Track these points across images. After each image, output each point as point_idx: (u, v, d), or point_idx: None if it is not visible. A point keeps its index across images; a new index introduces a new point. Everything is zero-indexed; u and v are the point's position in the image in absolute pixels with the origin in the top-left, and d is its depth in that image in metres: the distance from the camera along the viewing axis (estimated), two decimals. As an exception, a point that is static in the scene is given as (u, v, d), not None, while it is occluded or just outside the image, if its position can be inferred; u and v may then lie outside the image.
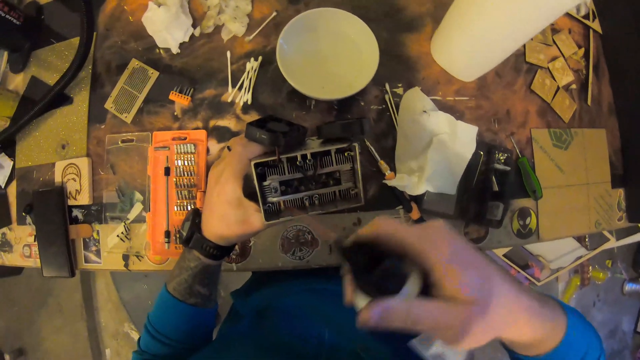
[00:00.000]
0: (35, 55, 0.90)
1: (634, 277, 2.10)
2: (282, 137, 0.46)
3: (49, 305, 2.15)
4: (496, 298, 0.31)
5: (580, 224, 0.86)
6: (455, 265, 0.31)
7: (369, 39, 0.72)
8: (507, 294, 0.32)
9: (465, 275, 0.30)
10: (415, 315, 0.29)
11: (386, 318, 0.29)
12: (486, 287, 0.31)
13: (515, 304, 0.33)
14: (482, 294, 0.31)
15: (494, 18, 0.61)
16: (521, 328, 0.34)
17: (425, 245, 0.32)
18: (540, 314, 0.34)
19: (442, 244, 0.32)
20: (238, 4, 0.78)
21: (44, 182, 0.84)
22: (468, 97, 0.79)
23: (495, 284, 0.32)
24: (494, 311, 0.31)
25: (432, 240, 0.32)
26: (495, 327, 0.32)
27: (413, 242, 0.32)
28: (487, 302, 0.31)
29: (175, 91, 0.78)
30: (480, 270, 0.32)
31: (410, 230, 0.33)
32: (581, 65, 0.89)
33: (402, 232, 0.33)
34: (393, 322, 0.30)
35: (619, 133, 0.92)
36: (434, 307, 0.30)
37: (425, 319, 0.30)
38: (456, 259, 0.31)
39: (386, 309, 0.29)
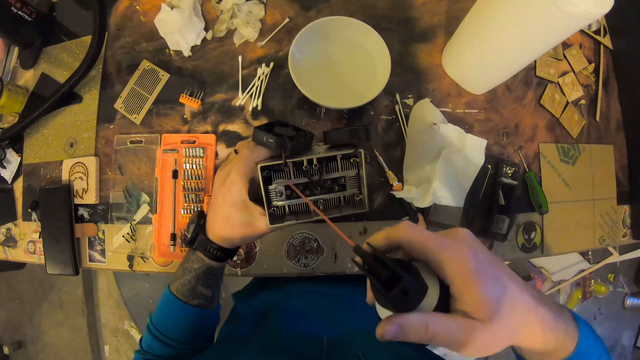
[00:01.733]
0: (46, 52, 0.90)
1: (635, 292, 2.09)
2: (289, 141, 0.46)
3: (50, 299, 2.15)
4: (512, 311, 0.31)
5: (585, 240, 0.85)
6: (475, 280, 0.30)
7: (382, 49, 0.72)
8: (523, 306, 0.32)
9: (485, 290, 0.30)
10: (432, 331, 0.29)
11: (403, 334, 0.29)
12: (504, 300, 0.31)
13: (531, 316, 0.33)
14: (499, 308, 0.31)
15: (507, 33, 0.61)
16: (534, 339, 0.34)
17: (446, 256, 0.31)
18: (554, 326, 0.34)
19: (464, 256, 0.31)
20: (251, 9, 0.78)
21: (51, 180, 0.84)
22: (478, 109, 0.79)
23: (514, 296, 0.32)
24: (508, 324, 0.31)
25: (454, 251, 0.31)
26: (507, 339, 0.32)
27: (435, 253, 0.32)
28: (502, 316, 0.31)
29: (186, 94, 0.78)
30: (500, 283, 0.32)
31: (433, 239, 0.32)
32: (591, 80, 0.89)
33: (424, 240, 0.32)
34: (409, 337, 0.30)
35: (626, 150, 0.92)
36: (451, 323, 0.30)
37: (442, 334, 0.30)
38: (477, 273, 0.30)
39: (403, 326, 0.29)
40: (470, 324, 0.30)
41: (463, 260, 0.31)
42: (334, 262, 0.74)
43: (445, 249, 0.32)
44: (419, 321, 0.30)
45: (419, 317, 0.30)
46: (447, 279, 0.31)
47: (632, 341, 2.12)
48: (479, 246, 0.33)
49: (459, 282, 0.31)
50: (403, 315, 0.30)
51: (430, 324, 0.30)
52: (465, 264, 0.31)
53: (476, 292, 0.30)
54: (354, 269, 0.74)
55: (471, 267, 0.30)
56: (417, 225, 0.34)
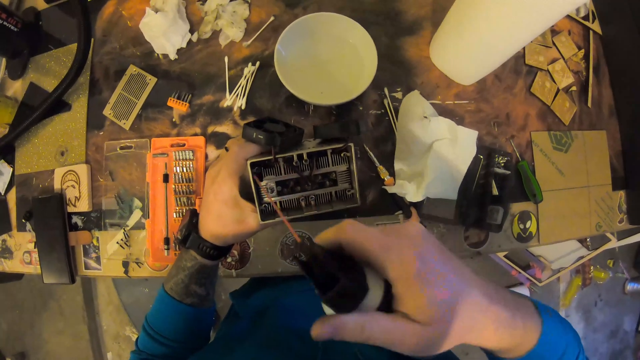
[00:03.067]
0: (33, 61, 0.90)
1: (635, 277, 2.09)
2: (279, 137, 0.46)
3: (51, 308, 2.15)
4: (458, 313, 0.30)
5: (581, 227, 0.85)
6: (417, 282, 0.29)
7: (368, 43, 0.71)
8: (473, 307, 0.31)
9: (427, 293, 0.29)
10: (369, 332, 0.29)
11: (339, 334, 0.29)
12: (450, 302, 0.30)
13: (482, 316, 0.32)
14: (443, 311, 0.30)
15: (493, 21, 0.61)
16: (486, 338, 0.33)
17: (388, 258, 0.30)
18: (509, 324, 0.34)
19: (406, 257, 0.30)
20: (235, 9, 0.78)
21: (44, 189, 0.84)
22: (467, 100, 0.79)
23: (462, 298, 0.31)
24: (453, 326, 0.30)
25: (396, 252, 0.30)
26: (453, 339, 0.31)
27: (375, 255, 0.30)
28: (447, 319, 0.30)
29: (174, 97, 0.78)
30: (446, 285, 0.30)
31: (375, 240, 0.31)
32: (581, 66, 0.89)
33: (366, 241, 0.31)
34: (346, 337, 0.29)
35: (619, 135, 0.91)
36: (389, 324, 0.29)
37: (379, 335, 0.29)
38: (418, 275, 0.29)
39: (337, 327, 0.29)
40: (408, 326, 0.29)
41: (405, 262, 0.30)
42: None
43: (386, 250, 0.30)
44: (355, 322, 0.29)
45: (356, 319, 0.29)
46: (389, 280, 0.31)
47: (633, 326, 2.12)
48: (428, 245, 0.32)
49: (399, 284, 0.30)
50: (339, 317, 0.29)
51: (367, 325, 0.29)
52: (407, 266, 0.30)
53: (417, 294, 0.29)
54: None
55: (413, 269, 0.29)
56: (361, 225, 0.32)
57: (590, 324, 2.07)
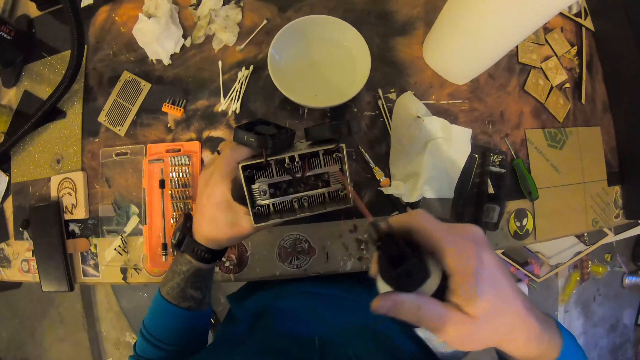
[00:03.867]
0: (27, 69, 0.90)
1: (633, 270, 2.09)
2: (270, 139, 0.46)
3: (51, 315, 2.14)
4: (501, 315, 0.33)
5: (578, 223, 0.86)
6: (474, 278, 0.31)
7: (361, 45, 0.71)
8: (514, 313, 0.33)
9: (480, 290, 0.31)
10: (422, 315, 0.31)
11: (396, 311, 0.31)
12: (497, 306, 0.32)
13: (518, 324, 0.34)
14: (489, 309, 0.32)
15: (485, 20, 0.61)
16: (517, 345, 0.35)
17: (450, 251, 0.32)
18: (539, 336, 0.35)
19: (467, 254, 0.32)
20: (228, 13, 0.78)
21: (40, 197, 0.84)
22: (461, 100, 0.79)
23: (507, 302, 0.33)
24: (494, 326, 0.32)
25: (459, 247, 0.33)
26: (490, 340, 0.33)
27: (439, 245, 0.33)
28: (491, 317, 0.32)
29: (168, 103, 0.78)
30: (496, 287, 0.32)
31: (443, 230, 0.33)
32: (574, 63, 0.89)
33: (435, 230, 0.33)
34: (401, 315, 0.31)
35: (614, 130, 0.91)
36: (442, 310, 0.32)
37: (430, 320, 0.31)
38: (476, 273, 0.32)
39: (397, 303, 0.31)
40: (458, 316, 0.32)
41: (466, 257, 0.32)
42: (325, 262, 0.74)
43: (450, 243, 0.33)
44: (413, 302, 0.31)
45: (414, 299, 0.31)
46: (448, 271, 0.33)
47: (633, 319, 2.12)
48: (486, 247, 0.34)
49: (457, 276, 0.32)
50: (401, 294, 0.32)
51: (422, 308, 0.31)
52: (467, 262, 0.32)
53: (471, 289, 0.31)
54: (346, 267, 0.74)
55: (473, 264, 0.32)
56: (431, 216, 0.35)
57: (589, 319, 2.08)
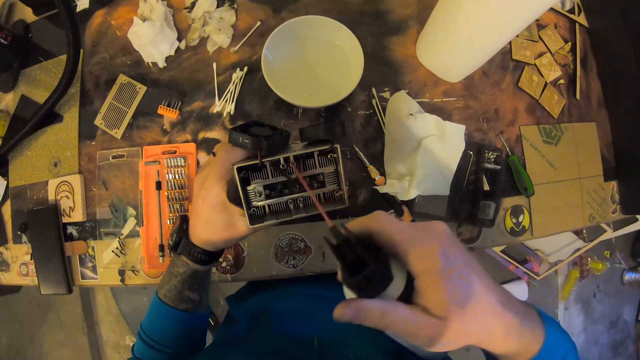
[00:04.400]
0: (24, 73, 0.90)
1: (633, 266, 2.09)
2: (265, 140, 0.46)
3: (50, 320, 2.15)
4: (474, 314, 0.31)
5: (574, 219, 0.86)
6: (439, 278, 0.30)
7: (354, 45, 0.72)
8: (488, 310, 0.32)
9: (448, 289, 0.30)
10: (388, 320, 0.30)
11: (360, 317, 0.30)
12: (467, 302, 0.31)
13: (494, 320, 0.33)
14: (460, 309, 0.31)
15: (477, 17, 0.61)
16: (494, 342, 0.34)
17: (414, 251, 0.31)
18: (518, 331, 0.34)
19: (431, 253, 0.31)
20: (222, 15, 0.79)
21: (38, 201, 0.84)
22: (456, 97, 0.79)
23: (479, 299, 0.32)
24: (468, 326, 0.31)
25: (422, 247, 0.31)
26: (463, 339, 0.32)
27: (402, 247, 0.32)
28: (462, 317, 0.31)
29: (164, 105, 0.78)
30: (466, 285, 0.31)
31: (404, 231, 0.32)
32: (568, 59, 0.89)
33: (395, 232, 0.32)
34: (365, 322, 0.30)
35: (609, 126, 0.92)
36: (407, 315, 0.30)
37: (397, 324, 0.30)
38: (441, 272, 0.30)
39: (361, 310, 0.30)
40: (426, 318, 0.30)
41: (429, 257, 0.31)
42: (322, 261, 0.74)
43: (413, 243, 0.32)
44: (376, 308, 0.30)
45: (378, 305, 0.30)
46: (412, 273, 0.32)
47: (633, 316, 2.12)
48: (452, 244, 0.33)
49: (422, 278, 0.31)
50: (363, 301, 0.31)
51: (387, 312, 0.30)
52: (431, 261, 0.31)
53: (438, 290, 0.30)
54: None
55: (437, 264, 0.30)
56: (391, 217, 0.34)
57: (589, 315, 2.07)
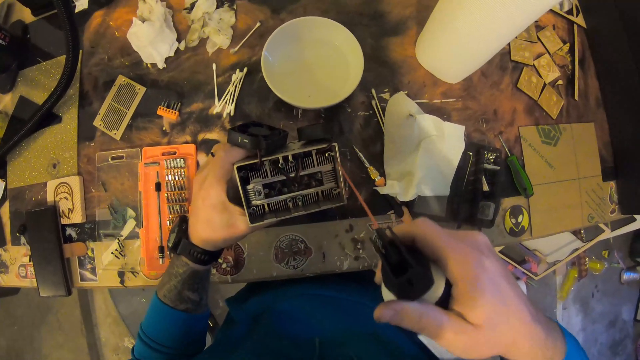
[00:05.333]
0: (22, 74, 0.90)
1: (631, 266, 2.10)
2: (264, 140, 0.46)
3: (49, 322, 2.14)
4: (505, 324, 0.32)
5: (573, 219, 0.86)
6: (476, 286, 0.31)
7: (353, 45, 0.72)
8: (519, 321, 0.33)
9: (484, 299, 0.31)
10: (425, 323, 0.31)
11: (398, 319, 0.31)
12: (500, 314, 0.32)
13: (523, 332, 0.34)
14: (493, 320, 0.32)
15: (476, 19, 0.61)
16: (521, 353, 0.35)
17: (453, 258, 0.33)
18: (543, 344, 0.35)
19: (471, 261, 0.32)
20: (222, 16, 0.79)
21: (37, 202, 0.84)
22: (455, 98, 0.79)
23: (512, 310, 0.33)
24: (498, 335, 0.32)
25: (462, 255, 0.33)
26: (494, 348, 0.33)
27: (446, 253, 0.33)
28: (495, 326, 0.32)
29: (163, 106, 0.78)
30: (501, 295, 0.32)
31: (446, 238, 0.34)
32: (567, 60, 0.89)
33: (438, 238, 0.34)
34: (403, 323, 0.31)
35: (607, 126, 0.92)
36: (444, 320, 0.31)
37: (433, 329, 0.31)
38: (479, 280, 0.32)
39: (400, 312, 0.31)
40: (461, 325, 0.31)
41: (468, 265, 0.32)
42: (322, 262, 0.74)
43: (454, 250, 0.33)
44: (415, 311, 0.31)
45: (417, 308, 0.31)
46: (451, 279, 0.33)
47: (632, 315, 2.13)
48: (490, 255, 0.34)
49: (460, 285, 0.32)
50: (402, 303, 0.32)
51: (424, 317, 0.31)
52: (470, 270, 0.32)
53: (475, 298, 0.31)
54: (342, 267, 0.74)
55: (475, 273, 0.32)
56: (434, 223, 0.35)
57: (588, 315, 2.08)
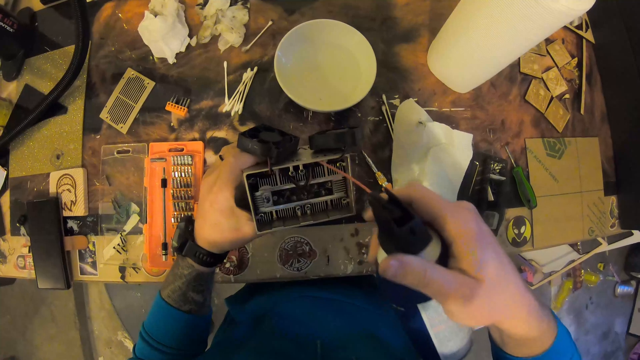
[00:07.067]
0: (29, 63, 0.89)
1: (625, 280, 2.13)
2: (275, 148, 0.46)
3: (42, 313, 2.12)
4: (503, 284, 0.33)
5: (574, 232, 0.87)
6: (476, 242, 0.32)
7: (367, 50, 0.72)
8: (514, 285, 0.34)
9: (484, 255, 0.32)
10: (430, 277, 0.31)
11: (403, 272, 0.31)
12: (500, 272, 0.33)
13: (520, 298, 0.34)
14: (494, 276, 0.32)
15: (491, 31, 0.61)
16: (518, 322, 0.35)
17: (452, 216, 0.34)
18: (538, 314, 0.36)
19: (468, 219, 0.33)
20: (235, 14, 0.78)
21: (39, 193, 0.83)
22: (464, 107, 0.80)
23: (507, 272, 0.33)
24: (499, 295, 0.33)
25: (460, 214, 0.34)
26: (496, 311, 0.34)
27: (443, 212, 0.34)
28: (494, 283, 0.32)
29: (172, 102, 0.77)
30: (497, 254, 0.33)
31: (442, 200, 0.35)
32: (574, 74, 0.90)
33: (434, 199, 0.35)
34: (408, 278, 0.31)
35: (611, 141, 0.93)
36: (448, 273, 0.32)
37: (438, 282, 0.31)
38: (478, 237, 0.33)
39: (405, 264, 0.31)
40: (466, 279, 0.32)
41: (467, 222, 0.33)
42: (326, 265, 0.74)
43: (451, 209, 0.34)
44: (420, 265, 0.31)
45: (420, 262, 0.31)
46: (450, 238, 0.33)
47: (624, 328, 2.15)
48: (482, 220, 0.35)
49: (460, 242, 0.33)
50: (407, 255, 0.32)
51: (429, 271, 0.31)
52: (469, 226, 0.33)
53: (476, 252, 0.32)
54: (346, 271, 0.74)
55: (474, 230, 0.33)
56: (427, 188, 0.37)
57: (581, 326, 2.10)
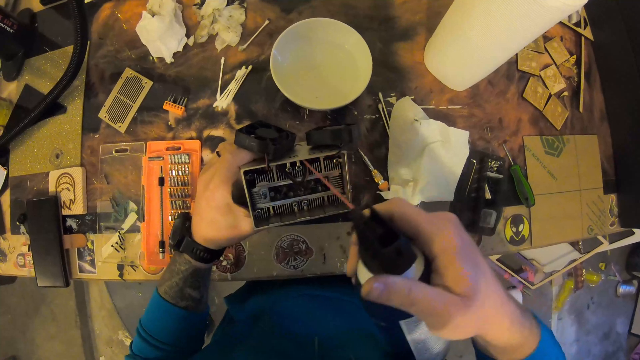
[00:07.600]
0: (28, 63, 0.90)
1: (627, 279, 2.11)
2: (272, 144, 0.46)
3: (42, 312, 2.13)
4: (487, 296, 0.32)
5: (573, 230, 0.86)
6: (459, 257, 0.32)
7: (363, 49, 0.72)
8: (496, 295, 0.34)
9: (467, 269, 0.31)
10: (414, 297, 0.30)
11: (387, 294, 0.30)
12: (482, 284, 0.32)
13: (501, 307, 0.34)
14: (477, 290, 0.32)
15: (487, 28, 0.61)
16: (501, 331, 0.35)
17: (436, 232, 0.33)
18: (520, 322, 0.36)
19: (451, 235, 0.33)
20: (232, 14, 0.79)
21: (38, 192, 0.83)
22: (461, 105, 0.80)
23: (490, 283, 0.33)
24: (482, 309, 0.32)
25: (442, 228, 0.33)
26: (479, 323, 0.33)
27: (425, 227, 0.33)
28: (478, 298, 0.32)
29: (169, 101, 0.78)
30: (479, 268, 0.33)
31: (424, 215, 0.34)
32: (573, 72, 0.90)
33: (416, 215, 0.34)
34: (393, 299, 0.30)
35: (610, 139, 0.92)
36: (432, 292, 0.31)
37: (423, 302, 0.31)
38: (460, 252, 0.32)
39: (390, 285, 0.30)
40: (449, 297, 0.31)
41: (449, 237, 0.33)
42: (323, 263, 0.74)
43: (433, 224, 0.33)
44: (404, 284, 0.30)
45: (405, 281, 0.31)
46: (433, 253, 0.33)
47: (626, 328, 2.14)
48: (464, 231, 0.35)
49: (443, 257, 0.32)
50: (390, 276, 0.31)
51: (413, 289, 0.30)
52: (451, 241, 0.32)
53: (459, 268, 0.31)
54: (343, 269, 0.74)
55: (456, 245, 0.32)
56: (409, 203, 0.36)
57: (583, 326, 2.09)
